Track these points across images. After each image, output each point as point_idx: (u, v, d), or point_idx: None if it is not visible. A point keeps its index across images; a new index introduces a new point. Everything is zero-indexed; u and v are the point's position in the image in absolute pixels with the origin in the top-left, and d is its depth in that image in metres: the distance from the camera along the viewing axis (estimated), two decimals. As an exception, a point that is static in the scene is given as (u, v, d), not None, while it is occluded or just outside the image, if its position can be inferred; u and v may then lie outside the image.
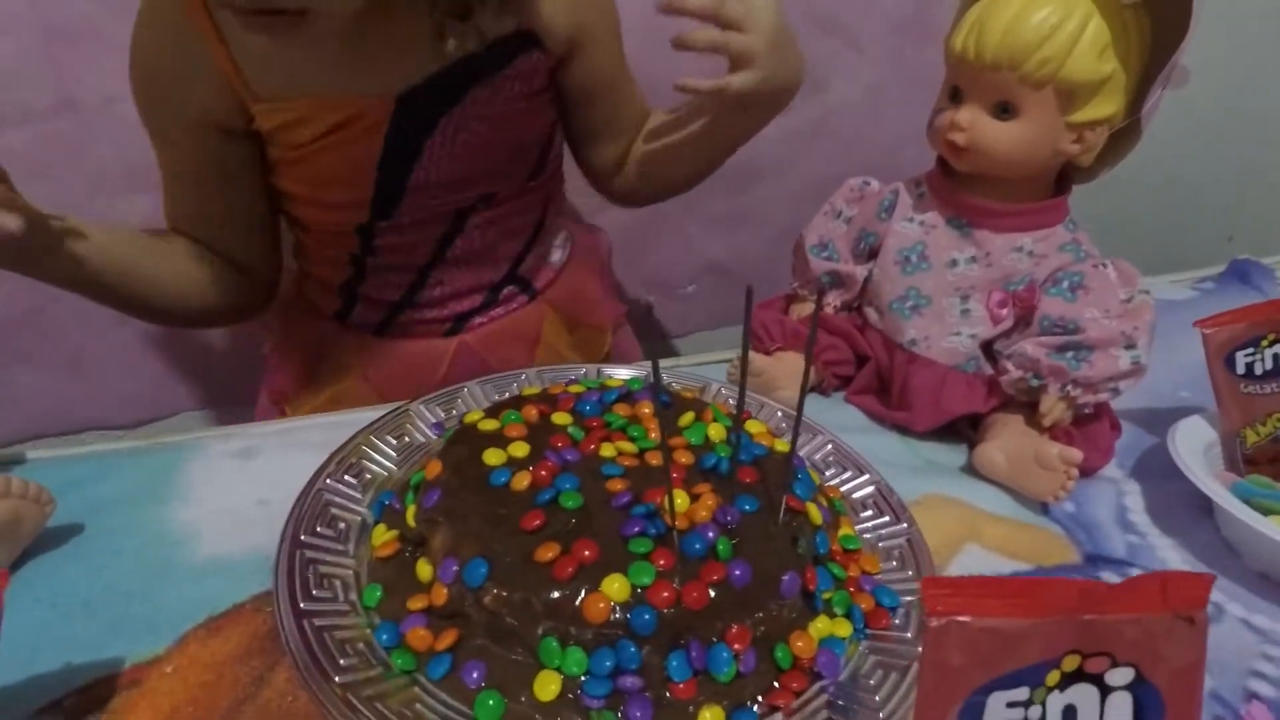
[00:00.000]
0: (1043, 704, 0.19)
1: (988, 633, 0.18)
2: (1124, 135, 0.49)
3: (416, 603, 0.34)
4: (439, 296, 0.62)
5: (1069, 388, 0.47)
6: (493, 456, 0.37)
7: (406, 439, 0.45)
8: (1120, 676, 0.19)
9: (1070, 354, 0.47)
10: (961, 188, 0.52)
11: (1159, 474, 0.50)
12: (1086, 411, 0.49)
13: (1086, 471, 0.49)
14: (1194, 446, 0.48)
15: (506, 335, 0.66)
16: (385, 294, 0.62)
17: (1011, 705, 0.19)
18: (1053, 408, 0.47)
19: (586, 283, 0.71)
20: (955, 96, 0.50)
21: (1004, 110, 0.47)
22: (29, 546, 0.36)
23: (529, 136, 0.60)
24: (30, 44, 0.68)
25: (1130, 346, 0.46)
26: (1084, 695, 0.19)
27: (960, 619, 0.18)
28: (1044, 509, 0.48)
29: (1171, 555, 0.45)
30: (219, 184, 0.55)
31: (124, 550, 0.38)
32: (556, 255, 0.69)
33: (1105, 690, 0.19)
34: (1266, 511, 0.44)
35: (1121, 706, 0.19)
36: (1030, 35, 0.44)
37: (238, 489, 0.42)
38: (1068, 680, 0.19)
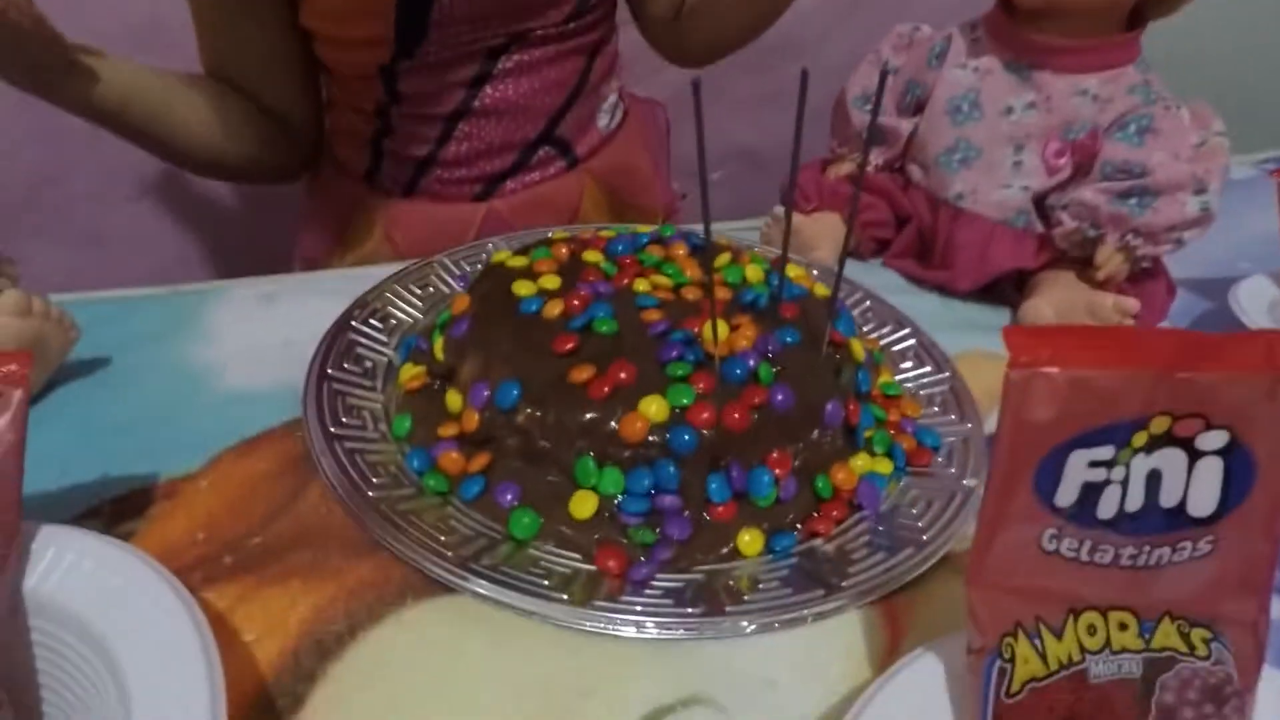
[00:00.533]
0: (1127, 465, 0.18)
1: (1073, 384, 0.16)
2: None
3: (447, 430, 0.33)
4: (468, 153, 0.59)
5: (1129, 237, 0.44)
6: (523, 288, 0.36)
7: (431, 289, 0.44)
8: (1213, 440, 0.18)
9: (1134, 200, 0.44)
10: (1024, 25, 0.48)
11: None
12: (1145, 265, 0.46)
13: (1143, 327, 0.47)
14: (1258, 304, 0.46)
15: (541, 204, 0.62)
16: (412, 149, 0.59)
17: (1094, 465, 0.17)
18: (1110, 259, 0.45)
19: (638, 158, 0.67)
20: (1022, -80, 0.45)
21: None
22: (55, 375, 0.36)
23: None
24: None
25: (1200, 191, 0.43)
26: (1171, 460, 0.18)
27: (1045, 370, 0.16)
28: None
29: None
30: (249, 20, 0.53)
31: (151, 381, 0.37)
32: (604, 120, 0.64)
33: (1195, 455, 0.18)
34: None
35: (1211, 473, 0.18)
36: None
37: (262, 330, 0.42)
38: (1155, 443, 0.18)
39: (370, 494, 0.31)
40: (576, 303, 0.34)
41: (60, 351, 0.35)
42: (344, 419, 0.35)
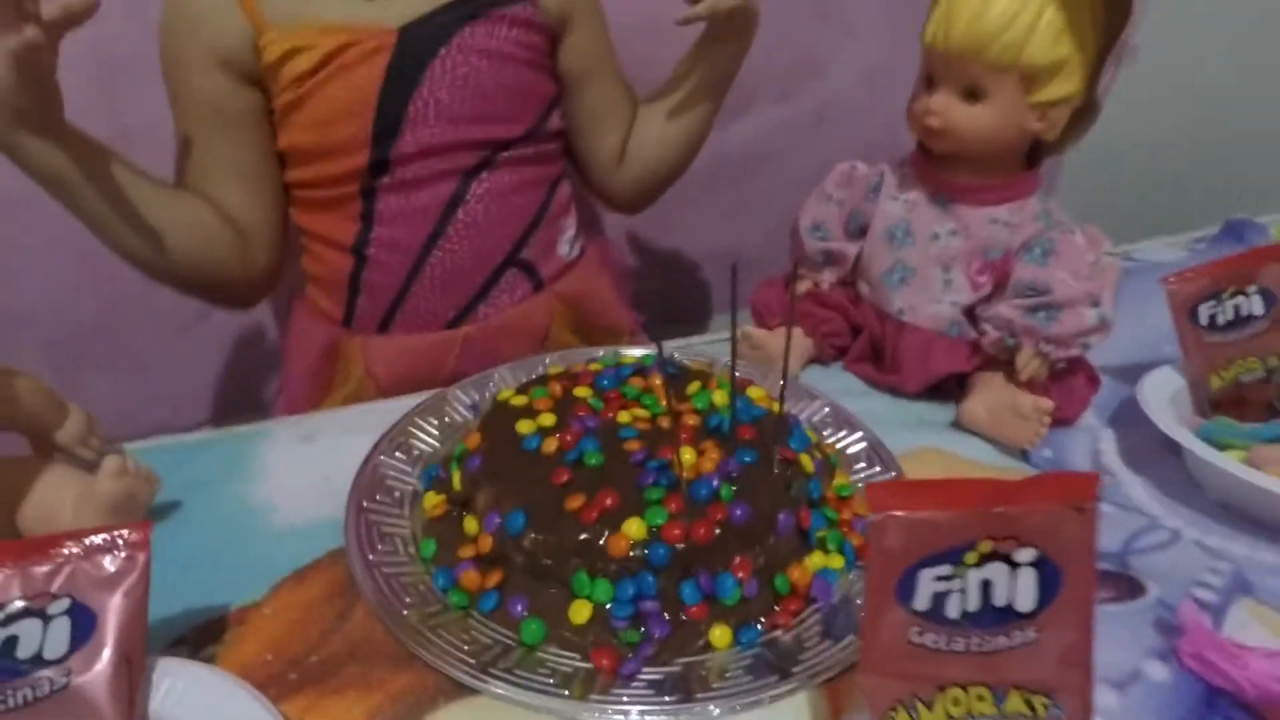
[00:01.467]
0: (964, 576, 0.24)
1: (916, 523, 0.23)
2: (1085, 112, 0.53)
3: (465, 552, 0.40)
4: (441, 278, 0.62)
5: (1042, 344, 0.51)
6: (524, 426, 0.43)
7: (447, 419, 0.52)
8: (1026, 555, 0.24)
9: (1042, 314, 0.51)
10: (940, 166, 0.57)
11: (1132, 422, 0.54)
12: (1061, 367, 0.53)
13: (1063, 421, 0.54)
14: (1162, 394, 0.52)
15: (512, 328, 0.65)
16: (389, 280, 0.62)
17: (939, 579, 0.24)
18: (1028, 363, 0.52)
19: (598, 284, 0.72)
20: (929, 83, 0.54)
21: (972, 94, 0.52)
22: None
23: (527, 86, 0.62)
24: (89, 79, 0.74)
25: (1096, 304, 0.51)
26: (997, 572, 0.24)
27: (895, 513, 0.23)
28: (1024, 456, 0.52)
29: (1139, 491, 0.49)
30: (227, 133, 0.57)
31: (214, 519, 0.44)
32: (565, 248, 0.69)
33: (1014, 566, 0.24)
34: (1225, 448, 0.48)
35: (1028, 580, 0.24)
36: (992, 24, 0.48)
37: (304, 467, 0.49)
38: (983, 560, 0.24)
39: (404, 612, 0.37)
40: (569, 438, 0.42)
41: (146, 502, 0.42)
42: (379, 546, 0.41)
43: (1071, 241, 0.52)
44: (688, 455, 0.40)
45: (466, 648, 0.36)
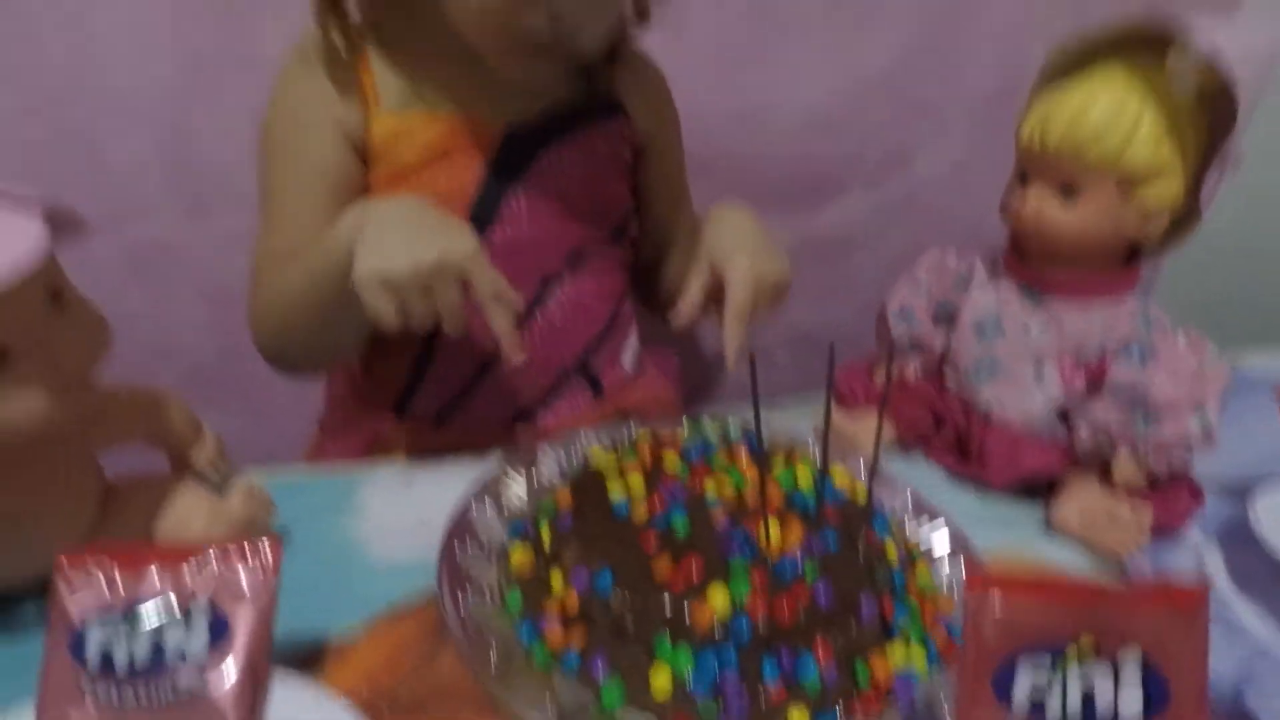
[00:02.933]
0: (1064, 676, 0.24)
1: (1018, 605, 0.23)
2: (1186, 217, 0.53)
3: (551, 606, 0.41)
4: (507, 381, 0.62)
5: (1140, 450, 0.50)
6: (615, 490, 0.45)
7: (536, 474, 0.54)
8: (1131, 657, 0.23)
9: (1140, 418, 0.50)
10: (1033, 261, 0.57)
11: (1242, 542, 0.51)
12: (1161, 475, 0.52)
13: (1164, 531, 0.52)
14: (1275, 519, 0.50)
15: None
16: (455, 373, 0.62)
17: (1037, 670, 0.23)
18: (1125, 469, 0.50)
19: (658, 398, 0.71)
20: (1024, 179, 0.55)
21: (1068, 192, 0.52)
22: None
23: (612, 194, 0.64)
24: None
25: (1199, 412, 0.49)
26: (1100, 674, 0.24)
27: (997, 592, 0.23)
28: (1120, 567, 0.50)
29: (1252, 619, 0.46)
30: (333, 200, 0.56)
31: (320, 550, 0.47)
32: (628, 362, 0.70)
33: (1118, 672, 0.24)
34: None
35: (1132, 689, 0.24)
36: (1091, 127, 0.50)
37: (403, 509, 0.52)
38: (1086, 659, 0.24)
39: (490, 660, 0.39)
40: (658, 506, 0.43)
41: (264, 528, 0.46)
42: (468, 593, 0.43)
43: (1172, 344, 0.52)
44: (774, 530, 0.41)
45: (548, 704, 0.37)
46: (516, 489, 0.52)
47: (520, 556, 0.46)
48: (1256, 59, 0.47)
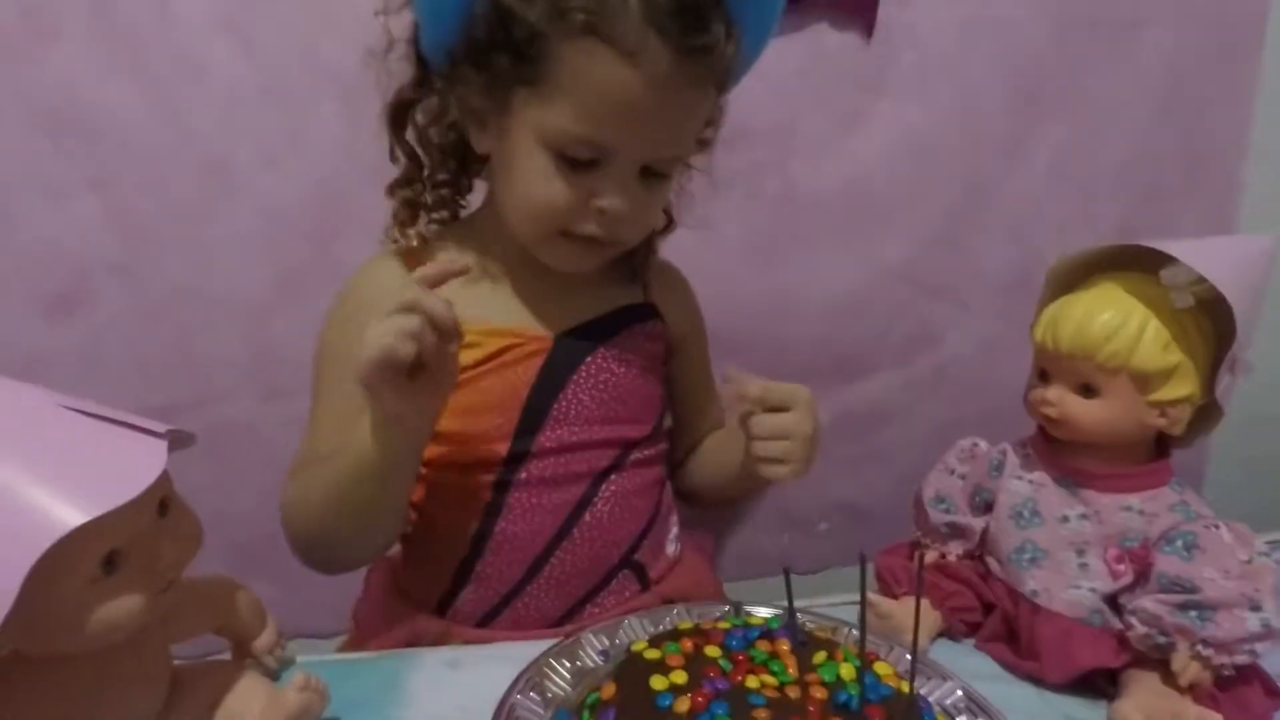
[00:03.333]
0: None
1: None
2: (1208, 410, 0.55)
3: (595, 808, 0.41)
4: (558, 577, 0.63)
5: (1199, 647, 0.49)
6: (658, 682, 0.45)
7: (579, 662, 0.54)
8: None
9: (1194, 613, 0.49)
10: (1063, 451, 0.59)
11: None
12: (1227, 673, 0.50)
13: (1239, 736, 0.49)
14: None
15: None
16: (504, 573, 0.62)
17: None
18: (1186, 667, 0.49)
19: (699, 579, 0.73)
20: (1044, 376, 0.59)
21: (1088, 390, 0.55)
22: (304, 734, 0.47)
23: (651, 391, 0.68)
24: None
25: (1256, 608, 0.48)
26: None
27: None
28: (1193, 777, 0.47)
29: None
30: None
31: (368, 743, 0.48)
32: (671, 548, 0.71)
33: None
34: None
35: None
36: (1097, 333, 0.53)
37: (447, 696, 0.52)
38: None
39: None
40: (700, 699, 0.43)
41: (317, 715, 0.47)
42: (511, 791, 0.43)
43: (1217, 537, 0.52)
44: (817, 732, 0.40)
45: None
46: (560, 678, 0.52)
47: (563, 751, 0.46)
48: (1247, 269, 0.51)
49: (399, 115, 0.63)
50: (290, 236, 0.86)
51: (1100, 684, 0.54)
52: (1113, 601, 0.55)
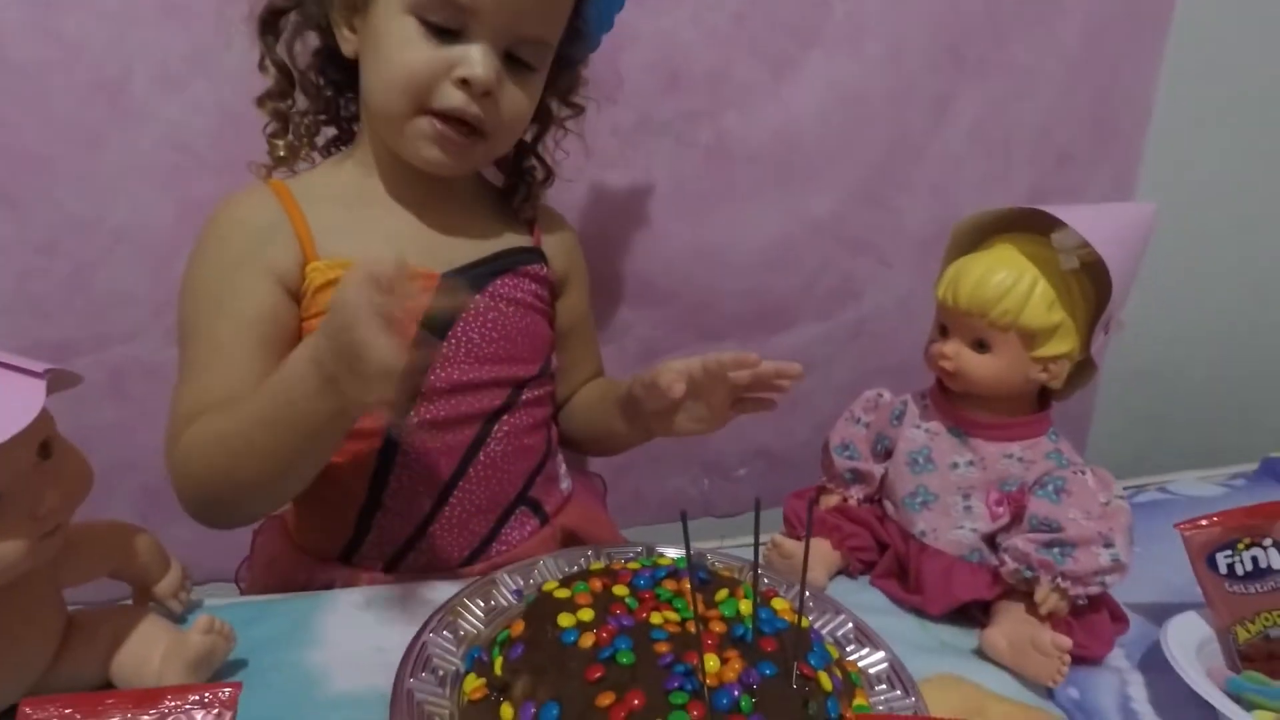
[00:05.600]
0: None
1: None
2: (1084, 366, 0.60)
3: (500, 738, 0.43)
4: (459, 518, 0.64)
5: (1059, 580, 0.54)
6: (565, 619, 0.47)
7: (493, 602, 0.56)
8: None
9: (1056, 550, 0.54)
10: (957, 402, 0.63)
11: (1163, 666, 0.54)
12: (1081, 603, 0.55)
13: (1088, 660, 0.55)
14: (1188, 641, 0.53)
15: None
16: (404, 519, 0.62)
17: None
18: (1047, 598, 0.54)
19: (594, 511, 0.75)
20: (943, 331, 0.62)
21: (981, 345, 0.59)
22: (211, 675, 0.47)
23: (538, 331, 0.68)
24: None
25: (1109, 545, 0.54)
26: None
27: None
28: (1049, 693, 0.53)
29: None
30: (266, 343, 0.56)
31: (277, 681, 0.48)
32: (565, 484, 0.73)
33: None
34: (1252, 707, 0.48)
35: None
36: (991, 292, 0.57)
37: (359, 637, 0.53)
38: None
39: (437, 795, 0.40)
40: (605, 635, 0.45)
41: (222, 658, 0.47)
42: (420, 724, 0.44)
43: (1082, 482, 0.56)
44: (711, 663, 0.43)
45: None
46: (474, 617, 0.54)
47: (472, 686, 0.47)
48: (1121, 235, 0.54)
49: (269, 23, 0.61)
50: (196, 166, 0.81)
51: (975, 614, 0.60)
52: (990, 541, 0.60)
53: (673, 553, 0.60)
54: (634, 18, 0.75)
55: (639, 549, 0.62)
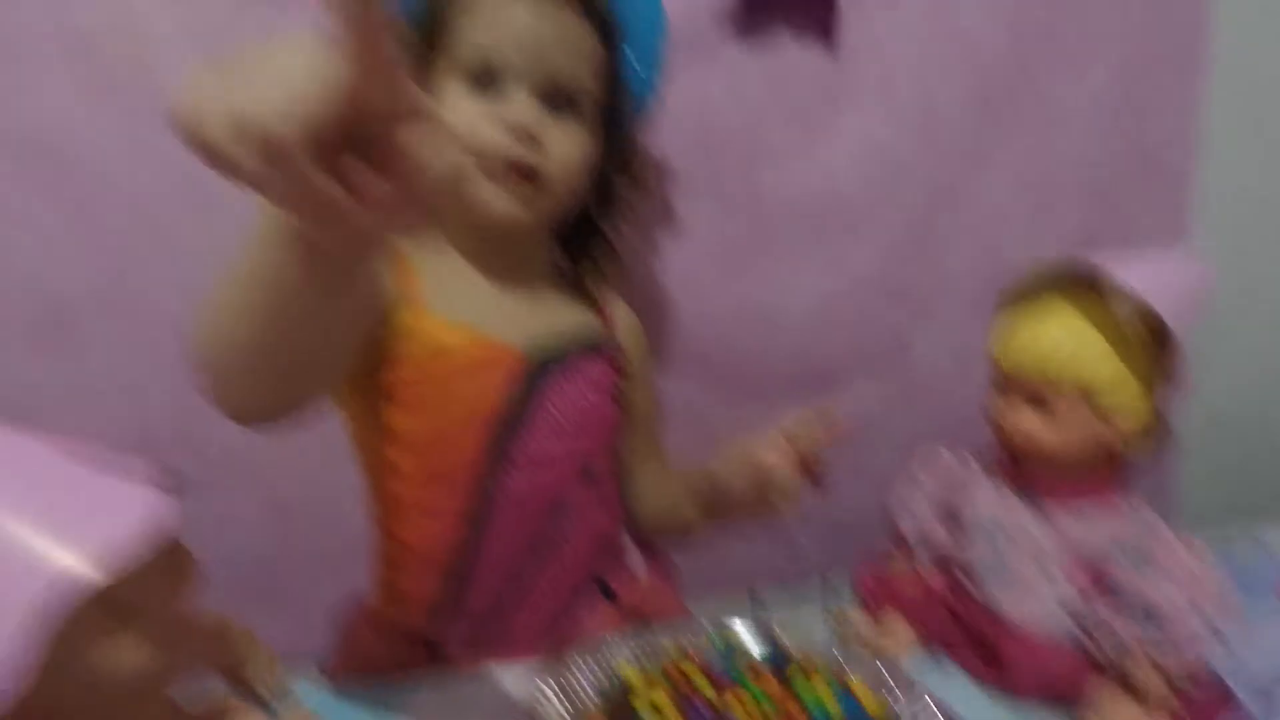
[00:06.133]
0: None
1: None
2: (1158, 428, 0.58)
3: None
4: (531, 596, 0.65)
5: (1155, 657, 0.51)
6: (643, 707, 0.47)
7: (565, 684, 0.56)
8: None
9: (1149, 624, 0.52)
10: (1024, 463, 0.62)
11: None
12: (1182, 683, 0.52)
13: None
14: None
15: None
16: (484, 593, 0.63)
17: None
18: (1149, 682, 0.51)
19: (664, 596, 0.75)
20: (1000, 389, 0.61)
21: (1039, 406, 0.58)
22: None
23: (609, 413, 0.69)
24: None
25: (1203, 615, 0.51)
26: None
27: None
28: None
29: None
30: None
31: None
32: (633, 564, 0.74)
33: None
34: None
35: None
36: (1049, 344, 0.56)
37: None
38: None
39: None
40: (684, 724, 0.45)
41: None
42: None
43: (1169, 547, 0.54)
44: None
45: None
46: (552, 707, 0.54)
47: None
48: (1177, 290, 0.54)
49: None
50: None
51: (1065, 693, 0.56)
52: (1073, 612, 0.57)
53: (739, 625, 0.60)
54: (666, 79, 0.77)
55: (707, 626, 0.61)
